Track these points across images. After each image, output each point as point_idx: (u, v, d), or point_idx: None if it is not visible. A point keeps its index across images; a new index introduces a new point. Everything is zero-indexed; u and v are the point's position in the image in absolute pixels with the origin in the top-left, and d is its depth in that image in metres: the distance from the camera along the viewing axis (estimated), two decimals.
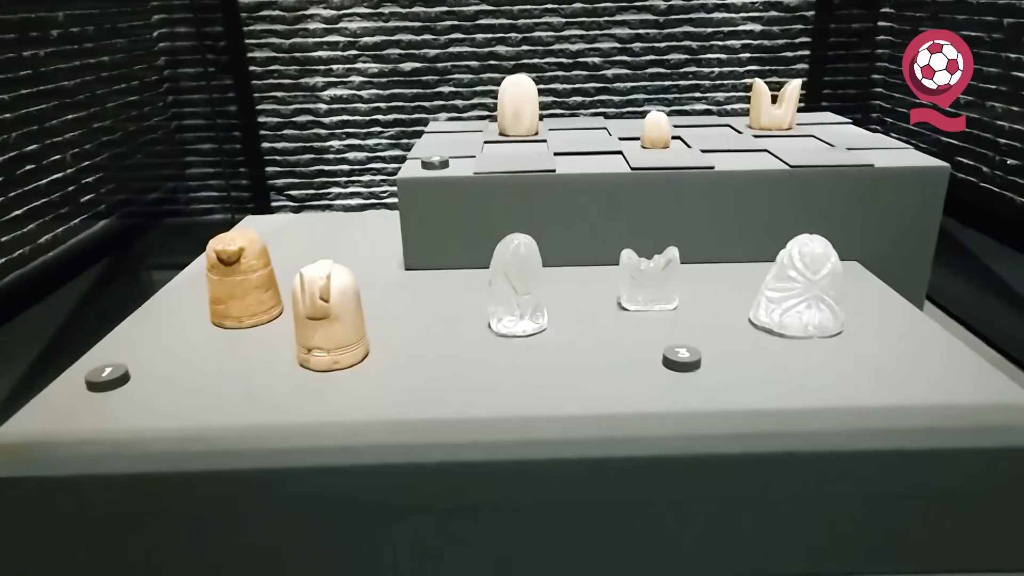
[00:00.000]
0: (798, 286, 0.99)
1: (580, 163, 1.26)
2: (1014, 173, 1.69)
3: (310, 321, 0.90)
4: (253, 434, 0.80)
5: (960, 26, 1.87)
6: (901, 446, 0.76)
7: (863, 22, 2.22)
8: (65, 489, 0.76)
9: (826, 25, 2.21)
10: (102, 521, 0.78)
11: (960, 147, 1.88)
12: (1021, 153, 1.67)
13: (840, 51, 2.25)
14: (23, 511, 0.77)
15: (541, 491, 0.78)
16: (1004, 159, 1.73)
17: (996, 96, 1.74)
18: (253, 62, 2.22)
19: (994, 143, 1.75)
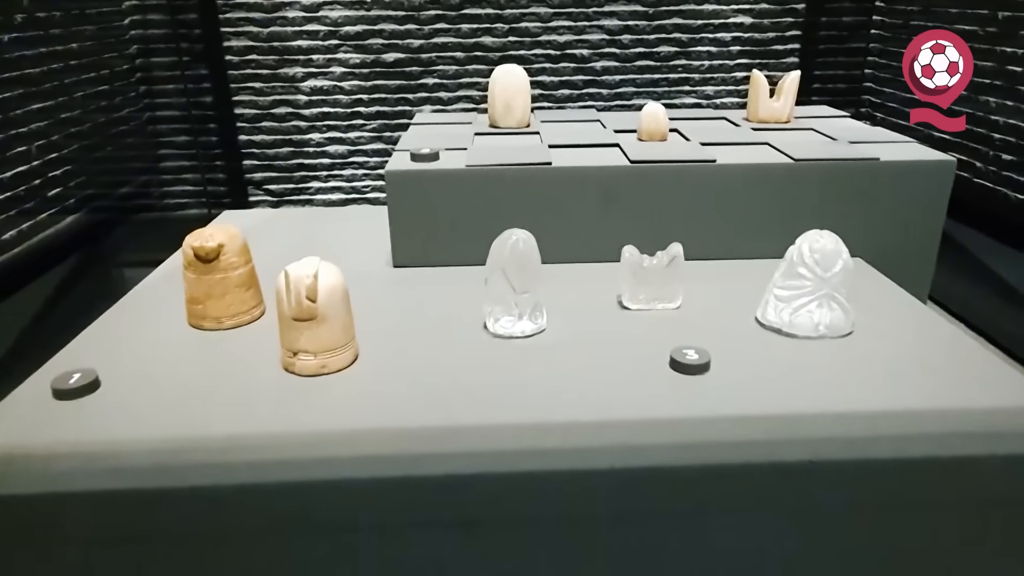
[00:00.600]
0: (808, 284, 0.95)
1: (576, 156, 1.21)
2: (1009, 169, 1.67)
3: (296, 323, 0.84)
4: (235, 446, 0.74)
5: (954, 20, 1.85)
6: (926, 453, 0.72)
7: (854, 15, 2.19)
8: (27, 509, 0.69)
9: (817, 18, 2.19)
10: (69, 543, 0.71)
11: (953, 143, 1.86)
12: (1016, 149, 1.65)
13: (831, 44, 2.22)
14: None
15: (544, 504, 0.73)
16: (999, 155, 1.71)
17: (990, 91, 1.72)
18: (230, 51, 2.14)
19: (988, 138, 1.73)
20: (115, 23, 2.08)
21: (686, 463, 0.72)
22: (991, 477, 0.73)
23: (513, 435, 0.75)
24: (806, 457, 0.72)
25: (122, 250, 1.93)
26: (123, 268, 1.89)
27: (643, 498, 0.73)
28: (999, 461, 0.73)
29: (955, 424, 0.76)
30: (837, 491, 0.73)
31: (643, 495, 0.73)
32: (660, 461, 0.72)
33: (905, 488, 0.73)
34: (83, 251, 1.77)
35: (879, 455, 0.73)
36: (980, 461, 0.73)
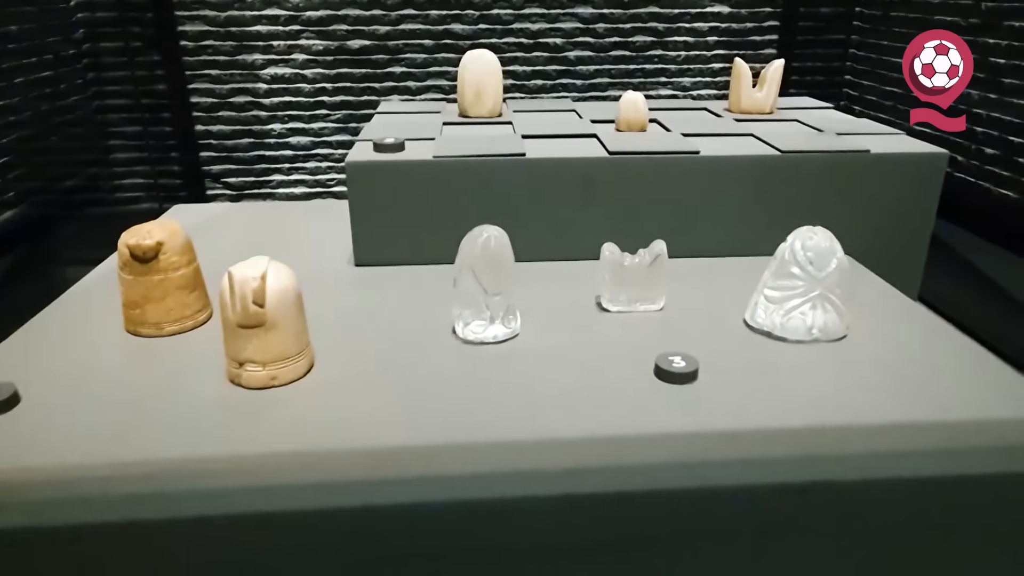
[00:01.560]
0: (801, 284, 0.88)
1: (552, 147, 1.14)
2: (991, 163, 1.64)
3: (242, 330, 0.75)
4: (173, 472, 0.65)
5: (934, 11, 1.81)
6: (934, 472, 0.66)
7: (832, 6, 2.15)
8: None
9: (795, 9, 2.14)
10: None
11: (935, 136, 1.83)
12: (998, 142, 1.61)
13: (809, 36, 2.18)
14: None
15: (518, 533, 0.65)
16: (981, 148, 1.67)
17: (972, 83, 1.68)
18: (184, 36, 2.02)
19: (970, 132, 1.70)
20: (60, 5, 1.96)
21: (674, 485, 0.65)
22: (1005, 496, 0.68)
23: (483, 457, 0.68)
24: (802, 478, 0.66)
25: (65, 248, 1.81)
26: (65, 267, 1.77)
27: (628, 524, 0.66)
28: (1014, 478, 0.67)
29: (966, 438, 0.70)
30: (836, 513, 0.67)
31: (628, 521, 0.66)
32: (646, 484, 0.65)
33: (912, 509, 0.67)
34: (22, 249, 1.65)
35: (881, 474, 0.66)
36: (993, 479, 0.67)
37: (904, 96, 1.96)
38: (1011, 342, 1.33)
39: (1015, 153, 1.57)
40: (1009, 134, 1.58)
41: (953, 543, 0.69)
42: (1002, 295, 1.49)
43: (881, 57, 2.06)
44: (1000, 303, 1.48)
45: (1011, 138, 1.58)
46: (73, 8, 2.00)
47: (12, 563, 0.62)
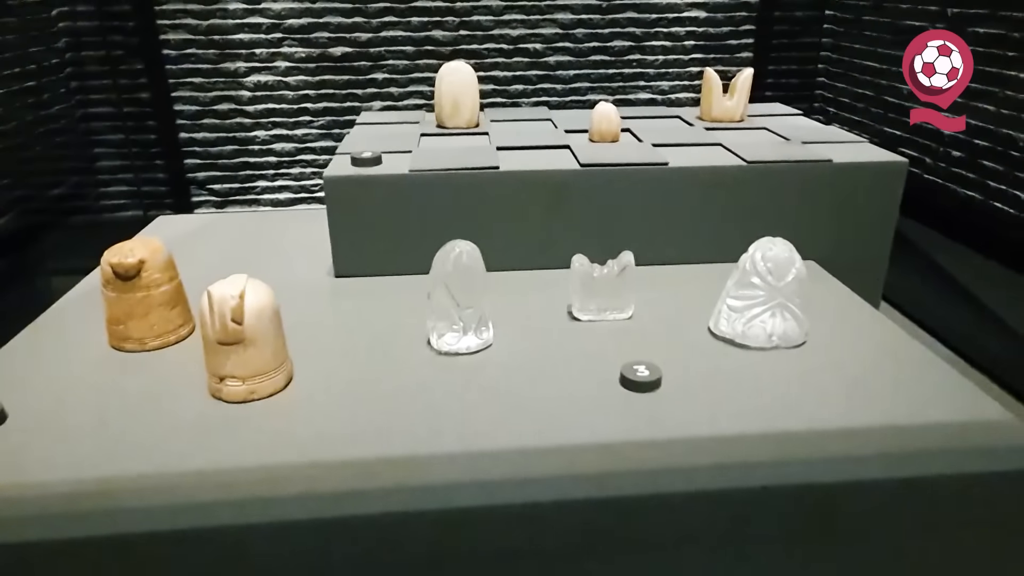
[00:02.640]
0: (761, 294, 0.92)
1: (525, 158, 1.17)
2: (957, 165, 1.68)
3: (221, 346, 0.78)
4: (156, 486, 0.68)
5: (903, 15, 1.85)
6: (877, 475, 0.70)
7: (807, 10, 2.19)
8: None
9: (771, 13, 2.17)
10: None
11: (905, 139, 1.87)
12: (964, 145, 1.66)
13: (784, 39, 2.21)
14: None
15: (487, 540, 0.69)
16: (948, 151, 1.72)
17: None
18: (167, 45, 2.04)
19: (938, 135, 1.74)
20: (42, 14, 1.97)
21: (637, 492, 0.69)
22: (952, 498, 0.72)
23: (455, 467, 0.71)
24: (758, 482, 0.70)
25: (52, 257, 1.82)
26: (51, 276, 1.79)
27: (590, 530, 0.69)
28: (960, 480, 0.71)
29: (911, 441, 0.74)
30: (793, 517, 0.70)
31: (590, 526, 0.69)
32: (611, 491, 0.69)
33: (865, 511, 0.71)
34: (10, 258, 1.67)
35: (833, 478, 0.70)
36: (940, 481, 0.71)
37: (874, 98, 2.00)
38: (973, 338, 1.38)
39: (979, 156, 1.61)
40: (974, 138, 1.62)
41: (900, 540, 0.73)
42: (965, 292, 1.53)
43: (853, 60, 2.10)
44: (963, 301, 1.52)
45: (976, 141, 1.62)
46: (55, 18, 2.01)
47: None
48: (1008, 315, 1.40)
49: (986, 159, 1.60)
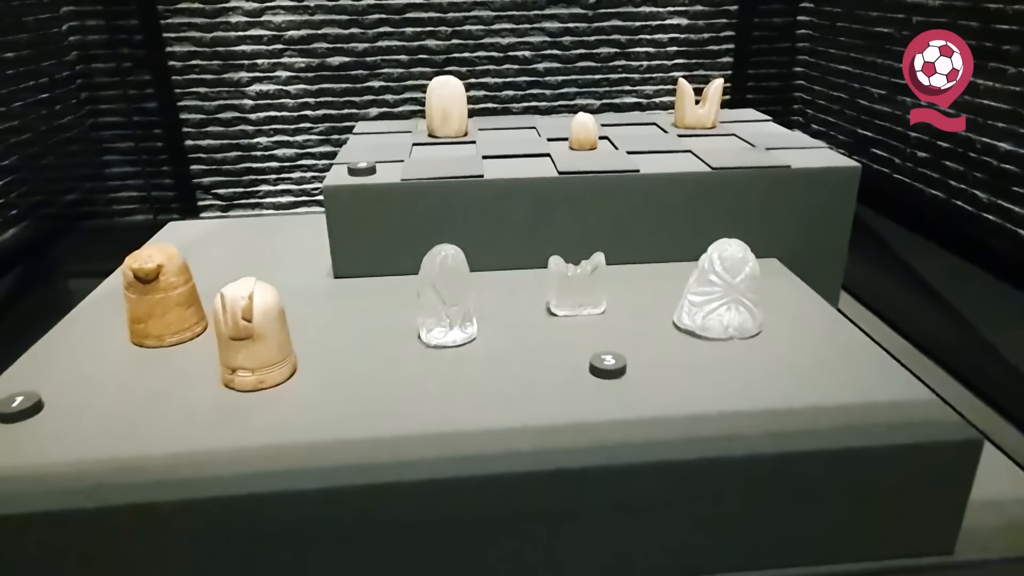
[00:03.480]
0: (718, 290, 1.02)
1: (508, 166, 1.27)
2: (923, 165, 1.78)
3: (233, 342, 0.88)
4: (177, 463, 0.78)
5: (873, 23, 1.95)
6: (811, 447, 0.80)
7: (783, 16, 2.28)
8: None
9: (749, 20, 2.27)
10: (13, 563, 0.75)
11: (876, 140, 1.96)
12: (929, 147, 1.75)
13: (763, 44, 2.31)
14: None
15: (469, 507, 0.78)
16: (914, 151, 1.81)
17: (906, 92, 1.82)
18: (172, 57, 2.14)
19: (905, 136, 1.84)
20: (53, 29, 2.07)
21: (600, 464, 0.79)
22: (875, 465, 0.81)
23: (441, 444, 0.81)
24: (710, 454, 0.79)
25: (69, 260, 1.93)
26: (70, 279, 1.89)
27: (560, 497, 0.79)
28: (878, 451, 0.81)
29: (843, 418, 0.84)
30: (733, 483, 0.80)
31: (560, 494, 0.79)
32: (576, 463, 0.79)
33: (790, 478, 0.81)
34: (30, 260, 1.77)
35: (772, 451, 0.80)
36: (861, 452, 0.81)
37: (847, 100, 2.10)
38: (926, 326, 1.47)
39: (941, 157, 1.70)
40: (937, 139, 1.72)
41: (835, 504, 0.83)
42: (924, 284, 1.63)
43: (829, 64, 2.19)
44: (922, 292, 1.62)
45: (939, 143, 1.71)
46: (65, 32, 2.11)
47: (42, 543, 0.75)
48: (962, 305, 1.50)
49: (948, 160, 1.69)
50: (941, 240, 1.71)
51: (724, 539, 0.83)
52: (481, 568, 0.81)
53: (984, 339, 1.38)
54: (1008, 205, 1.52)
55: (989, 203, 1.57)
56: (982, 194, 1.59)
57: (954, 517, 0.84)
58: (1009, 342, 1.33)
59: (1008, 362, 1.27)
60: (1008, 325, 1.39)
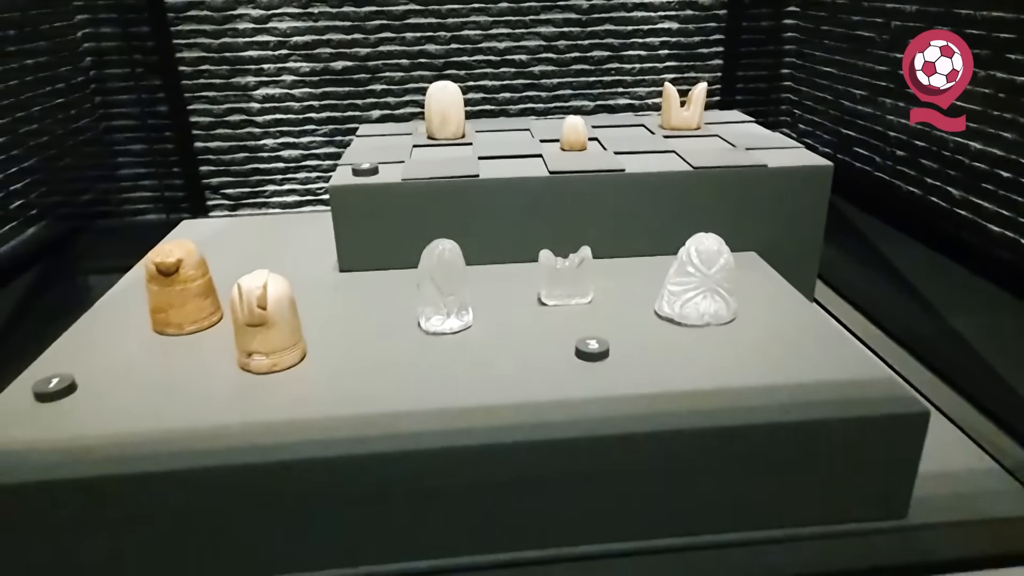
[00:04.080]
0: (695, 280, 1.10)
1: (502, 167, 1.35)
2: (901, 163, 1.86)
3: (249, 328, 0.97)
4: (200, 435, 0.87)
5: (855, 26, 2.02)
6: (776, 419, 0.88)
7: (771, 20, 2.36)
8: (15, 497, 0.81)
9: (738, 23, 2.34)
10: (56, 525, 0.83)
11: (858, 139, 2.04)
12: (906, 145, 1.83)
13: (751, 48, 2.38)
14: None
15: (464, 474, 0.87)
16: (893, 150, 1.89)
17: (886, 93, 1.90)
18: (182, 62, 2.22)
19: (885, 136, 1.91)
20: (67, 37, 2.15)
21: (582, 435, 0.87)
22: (827, 436, 0.90)
23: (437, 419, 0.89)
24: (681, 426, 0.88)
25: (86, 257, 2.01)
26: (88, 275, 1.98)
27: (546, 465, 0.88)
28: (835, 423, 0.89)
29: (804, 394, 0.92)
30: (701, 453, 0.89)
31: (546, 463, 0.88)
32: (561, 435, 0.87)
33: (754, 448, 0.89)
34: (50, 257, 1.86)
35: (735, 423, 0.88)
36: (820, 423, 0.89)
37: (832, 101, 2.18)
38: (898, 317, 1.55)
39: (918, 156, 1.78)
40: (914, 139, 1.80)
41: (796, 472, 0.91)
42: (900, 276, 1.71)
43: (814, 66, 2.27)
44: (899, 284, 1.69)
45: (916, 142, 1.79)
46: (80, 39, 2.20)
47: (78, 506, 0.83)
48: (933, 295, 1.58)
49: (924, 159, 1.77)
50: (918, 235, 1.79)
51: (693, 503, 0.91)
52: (475, 525, 0.90)
53: (951, 327, 1.45)
54: (978, 201, 1.60)
55: (961, 199, 1.65)
56: (955, 191, 1.67)
57: (906, 484, 0.92)
58: (973, 328, 1.41)
59: (972, 348, 1.35)
60: (974, 313, 1.47)
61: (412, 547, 0.90)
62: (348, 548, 0.89)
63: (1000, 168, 1.52)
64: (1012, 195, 1.49)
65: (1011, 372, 1.23)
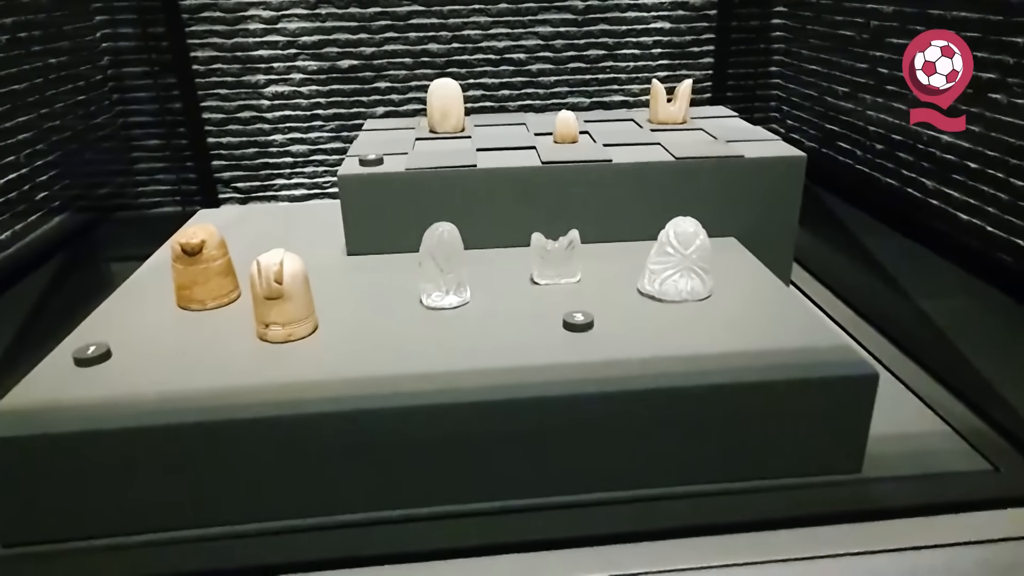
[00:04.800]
0: (674, 259, 1.20)
1: (499, 157, 1.45)
2: (880, 157, 1.95)
3: (267, 300, 1.07)
4: (223, 393, 0.97)
5: (838, 26, 2.12)
6: (740, 380, 0.98)
7: (759, 20, 2.46)
8: (62, 445, 0.92)
9: (728, 23, 2.44)
10: (95, 470, 0.94)
11: (841, 134, 2.14)
12: (884, 139, 1.93)
13: (741, 46, 2.48)
14: (30, 464, 0.92)
15: (462, 427, 0.97)
16: (873, 144, 1.99)
17: (866, 89, 2.00)
18: (196, 61, 2.33)
19: (865, 130, 2.01)
20: (87, 38, 2.26)
21: (566, 393, 0.97)
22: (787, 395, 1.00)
23: (436, 380, 1.00)
24: (654, 386, 0.98)
25: (106, 246, 2.12)
26: (109, 262, 2.09)
27: (535, 420, 0.98)
28: (793, 383, 0.99)
29: (765, 359, 1.02)
30: (674, 411, 0.99)
31: (535, 418, 0.98)
32: (547, 392, 0.97)
33: (721, 406, 0.99)
34: (72, 247, 1.97)
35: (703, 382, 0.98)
36: (779, 384, 0.99)
37: (818, 98, 2.27)
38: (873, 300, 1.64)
39: (895, 149, 1.88)
40: (891, 133, 1.89)
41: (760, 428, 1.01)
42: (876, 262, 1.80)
43: (801, 64, 2.37)
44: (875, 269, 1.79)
45: (893, 136, 1.89)
46: (99, 39, 2.30)
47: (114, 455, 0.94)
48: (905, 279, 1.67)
49: (900, 152, 1.87)
50: (896, 224, 1.88)
51: (665, 457, 1.01)
52: (471, 473, 1.00)
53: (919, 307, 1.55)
54: (949, 191, 1.69)
55: (934, 190, 1.74)
56: (928, 182, 1.76)
57: (860, 440, 1.02)
58: (938, 308, 1.51)
59: (936, 325, 1.45)
60: (941, 294, 1.57)
61: (412, 494, 1.00)
62: (353, 494, 0.99)
63: (968, 160, 1.62)
64: (979, 185, 1.59)
65: (968, 347, 1.33)
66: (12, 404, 0.96)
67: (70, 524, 0.96)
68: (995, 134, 1.53)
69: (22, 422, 0.93)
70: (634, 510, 1.00)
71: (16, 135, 1.83)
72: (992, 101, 1.52)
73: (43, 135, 1.95)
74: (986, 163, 1.56)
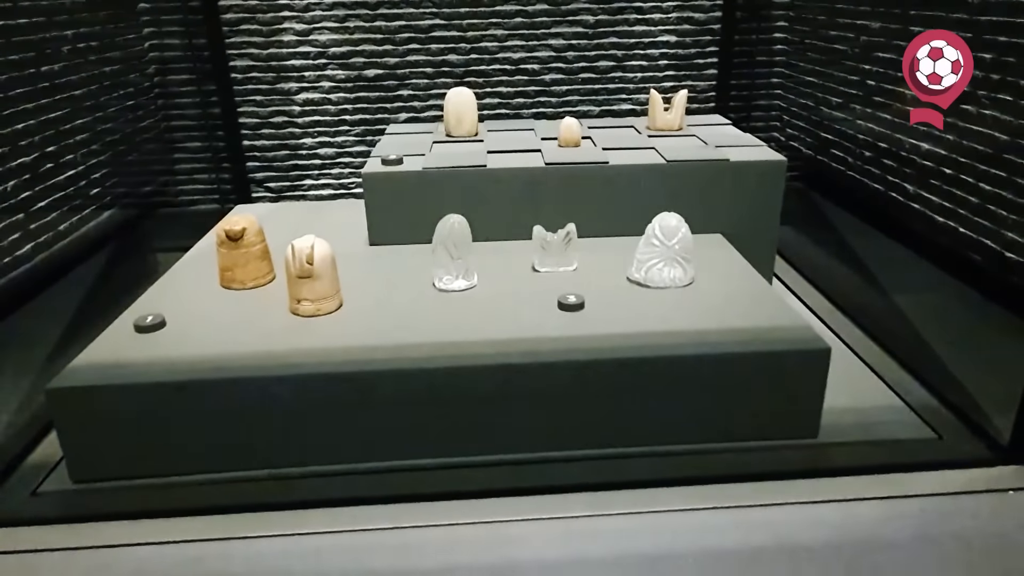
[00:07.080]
0: (658, 250, 1.35)
1: (507, 159, 1.61)
2: (867, 163, 2.08)
3: (299, 279, 1.23)
4: (259, 356, 1.14)
5: (832, 40, 2.25)
6: (705, 352, 1.13)
7: (761, 34, 2.59)
8: (124, 395, 1.08)
9: (730, 37, 2.58)
10: (152, 418, 1.10)
11: (833, 141, 2.27)
12: (871, 147, 2.06)
13: (743, 59, 2.62)
14: (96, 412, 1.09)
15: (468, 388, 1.12)
16: (861, 151, 2.12)
17: (856, 100, 2.13)
18: (234, 70, 2.52)
19: (855, 138, 2.14)
20: (136, 48, 2.47)
21: (557, 360, 1.12)
22: (749, 367, 1.14)
23: (447, 348, 1.15)
24: (637, 355, 1.12)
25: (151, 238, 2.32)
26: (155, 253, 2.28)
27: (530, 383, 1.13)
28: (755, 356, 1.13)
29: (733, 336, 1.16)
30: (650, 379, 1.13)
31: (530, 381, 1.13)
32: (540, 359, 1.12)
33: (688, 375, 1.13)
34: (119, 239, 2.16)
35: (678, 353, 1.13)
36: (742, 356, 1.13)
37: (814, 108, 2.40)
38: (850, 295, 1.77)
39: (881, 156, 2.01)
40: (878, 141, 2.02)
41: (725, 396, 1.15)
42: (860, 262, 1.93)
43: (799, 76, 2.50)
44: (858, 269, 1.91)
45: (880, 144, 2.01)
46: (147, 49, 2.51)
47: (168, 405, 1.10)
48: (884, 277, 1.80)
49: (885, 158, 1.99)
50: (881, 226, 2.01)
51: (641, 419, 1.16)
52: (473, 427, 1.15)
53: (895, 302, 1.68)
54: (927, 195, 1.82)
55: (914, 194, 1.87)
56: (909, 186, 1.89)
57: (815, 407, 1.16)
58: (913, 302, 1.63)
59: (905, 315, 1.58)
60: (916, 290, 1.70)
61: (425, 447, 1.15)
62: (371, 445, 1.15)
63: (944, 166, 1.75)
64: (953, 189, 1.72)
65: (931, 333, 1.46)
66: (82, 362, 1.13)
67: (128, 464, 1.12)
68: (967, 142, 1.65)
69: (91, 375, 1.10)
70: (615, 464, 1.14)
71: (74, 136, 2.02)
72: (964, 112, 1.65)
73: (96, 136, 2.15)
74: (959, 168, 1.69)
